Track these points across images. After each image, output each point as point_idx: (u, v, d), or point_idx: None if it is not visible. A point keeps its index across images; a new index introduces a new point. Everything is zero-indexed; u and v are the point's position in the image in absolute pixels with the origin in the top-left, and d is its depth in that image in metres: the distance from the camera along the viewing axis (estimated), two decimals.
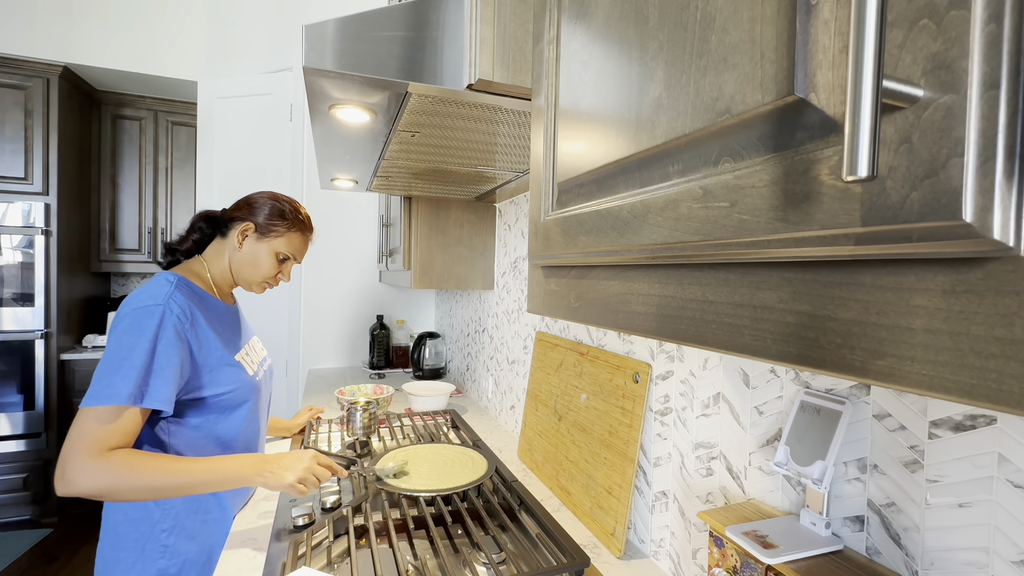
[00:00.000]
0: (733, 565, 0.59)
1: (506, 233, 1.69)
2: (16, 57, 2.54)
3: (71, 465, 0.77)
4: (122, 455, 0.80)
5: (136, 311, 0.85)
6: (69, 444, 0.78)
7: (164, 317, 0.86)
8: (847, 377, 0.23)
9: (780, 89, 0.25)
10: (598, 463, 1.00)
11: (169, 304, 0.87)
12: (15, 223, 2.55)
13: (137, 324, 0.84)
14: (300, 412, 1.50)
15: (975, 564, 0.45)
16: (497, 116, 0.83)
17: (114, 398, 0.80)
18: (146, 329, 0.84)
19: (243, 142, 2.48)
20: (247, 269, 1.03)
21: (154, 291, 0.88)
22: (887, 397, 0.52)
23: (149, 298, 0.87)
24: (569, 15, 0.48)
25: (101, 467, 0.78)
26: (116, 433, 0.80)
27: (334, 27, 0.65)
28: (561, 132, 0.49)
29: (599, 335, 1.11)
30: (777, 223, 0.25)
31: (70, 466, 0.77)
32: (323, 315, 2.49)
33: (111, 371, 0.81)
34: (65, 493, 0.78)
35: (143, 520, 0.89)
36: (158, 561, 0.89)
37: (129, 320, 0.84)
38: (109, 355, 0.82)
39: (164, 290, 0.89)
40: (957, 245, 0.18)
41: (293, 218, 1.05)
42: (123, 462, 0.80)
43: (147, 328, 0.84)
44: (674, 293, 0.34)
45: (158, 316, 0.85)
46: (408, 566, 0.79)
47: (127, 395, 0.80)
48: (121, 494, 0.80)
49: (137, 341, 0.83)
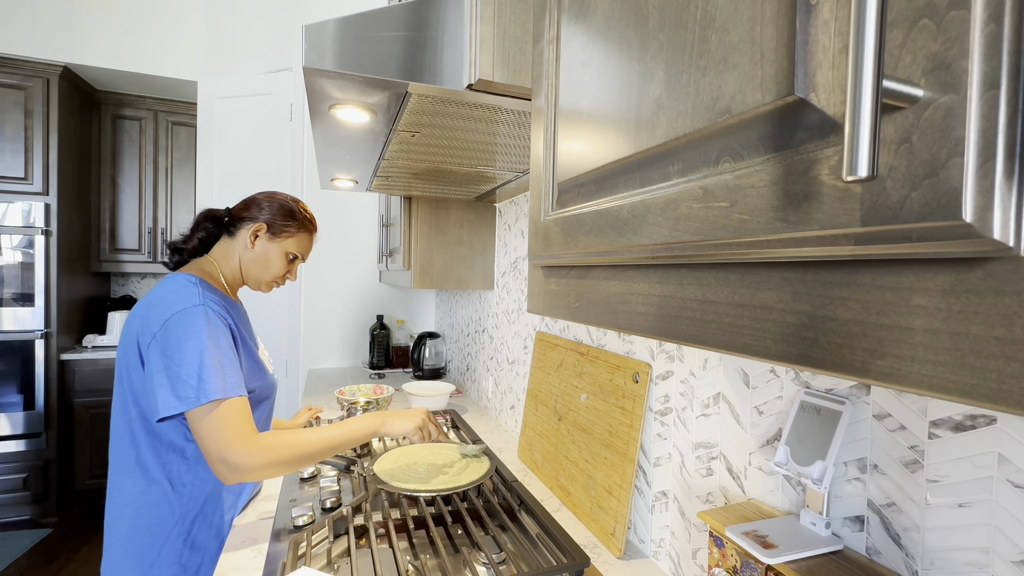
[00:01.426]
0: (733, 565, 0.59)
1: (506, 233, 1.69)
2: (16, 57, 2.54)
3: (232, 452, 0.79)
4: (268, 436, 0.84)
5: (178, 315, 0.85)
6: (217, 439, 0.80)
7: (209, 315, 0.86)
8: (847, 377, 0.23)
9: (780, 89, 0.25)
10: (598, 463, 1.00)
11: (207, 302, 0.88)
12: (15, 223, 2.55)
13: (189, 327, 0.84)
14: (300, 412, 1.49)
15: (975, 564, 0.45)
16: (497, 116, 0.83)
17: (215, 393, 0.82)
18: (199, 329, 0.84)
19: (243, 142, 2.48)
20: (258, 269, 1.03)
21: (184, 293, 0.88)
22: (887, 397, 0.52)
23: (185, 300, 0.86)
24: (569, 15, 0.48)
25: (261, 446, 0.81)
26: (247, 419, 0.84)
27: (334, 27, 0.65)
28: (561, 132, 0.49)
29: (599, 335, 1.11)
30: (777, 223, 0.25)
31: (232, 453, 0.79)
32: (323, 315, 2.49)
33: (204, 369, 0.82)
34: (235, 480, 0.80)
35: (158, 525, 0.89)
36: (175, 564, 0.89)
37: (176, 324, 0.84)
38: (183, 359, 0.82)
39: (194, 291, 0.89)
40: (957, 245, 0.18)
41: (302, 218, 1.06)
42: (273, 441, 0.83)
43: (199, 328, 0.84)
44: (674, 293, 0.34)
45: (203, 315, 0.86)
46: (408, 566, 0.79)
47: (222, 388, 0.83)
48: (282, 468, 0.83)
49: (196, 341, 0.83)
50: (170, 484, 0.90)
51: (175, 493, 0.90)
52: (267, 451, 0.81)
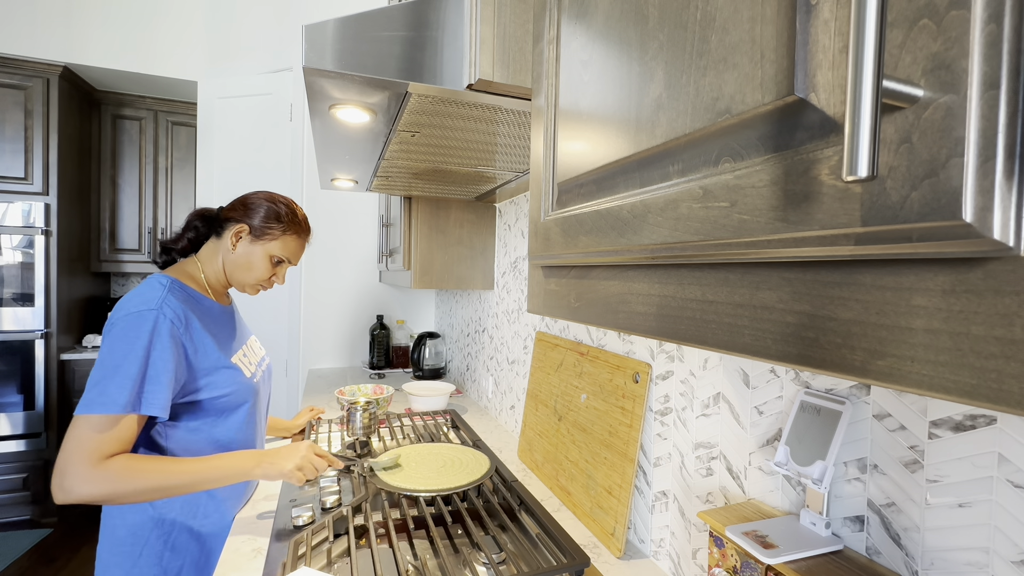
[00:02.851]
0: (733, 565, 0.59)
1: (506, 233, 1.69)
2: (16, 57, 2.54)
3: (70, 473, 0.77)
4: (121, 461, 0.80)
5: (129, 316, 0.84)
6: (66, 453, 0.78)
7: (158, 322, 0.85)
8: (847, 377, 0.23)
9: (780, 89, 0.25)
10: (598, 463, 1.00)
11: (163, 308, 0.86)
12: (15, 223, 2.55)
13: (131, 330, 0.83)
14: (300, 412, 1.50)
15: (975, 564, 0.45)
16: (497, 116, 0.83)
17: (110, 406, 0.79)
18: (140, 335, 0.83)
19: (243, 142, 2.48)
20: (240, 271, 1.02)
21: (147, 295, 0.87)
22: (887, 397, 0.52)
23: (142, 303, 0.86)
24: (569, 15, 0.48)
25: (100, 474, 0.78)
26: (113, 440, 0.80)
27: (334, 27, 0.65)
28: (561, 132, 0.49)
29: (599, 335, 1.11)
30: (777, 223, 0.25)
31: (69, 474, 0.77)
32: (323, 315, 2.49)
33: (105, 378, 0.80)
34: (64, 501, 0.78)
35: (140, 525, 0.89)
36: (155, 566, 0.89)
37: (122, 326, 0.83)
38: (103, 362, 0.81)
39: (157, 294, 0.88)
40: (957, 245, 0.18)
41: (289, 220, 1.04)
42: (122, 468, 0.79)
43: (141, 334, 0.83)
44: (674, 293, 0.34)
45: (151, 321, 0.84)
46: (408, 566, 0.79)
47: (123, 403, 0.80)
48: (121, 498, 0.80)
49: (131, 348, 0.82)
50: None
51: None
52: (105, 482, 0.78)
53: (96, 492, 0.78)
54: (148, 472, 0.81)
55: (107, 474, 0.78)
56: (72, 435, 0.78)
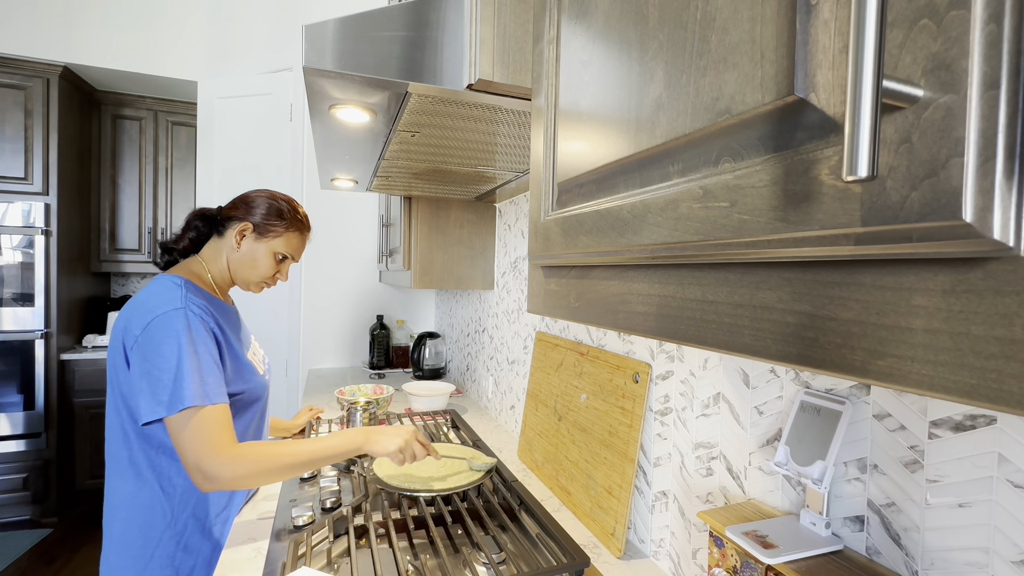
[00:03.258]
0: (733, 565, 0.59)
1: (506, 233, 1.69)
2: (16, 57, 2.54)
3: (208, 463, 0.79)
4: (251, 445, 0.84)
5: (159, 319, 0.84)
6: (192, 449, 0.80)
7: (190, 319, 0.86)
8: (847, 377, 0.23)
9: (780, 89, 0.25)
10: (598, 463, 1.00)
11: (189, 305, 0.88)
12: (15, 223, 2.55)
13: (168, 331, 0.84)
14: (300, 412, 1.50)
15: (975, 564, 0.45)
16: (497, 116, 0.83)
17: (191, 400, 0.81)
18: (178, 333, 0.84)
19: (243, 142, 2.48)
20: (245, 269, 1.03)
21: (167, 296, 0.88)
22: (887, 397, 0.52)
23: (167, 303, 0.86)
24: (569, 15, 0.48)
25: (237, 457, 0.81)
26: (223, 427, 0.83)
27: (334, 27, 0.65)
28: (561, 132, 0.49)
29: (599, 335, 1.11)
30: (777, 223, 0.25)
31: (208, 464, 0.79)
32: (323, 315, 2.49)
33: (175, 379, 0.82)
34: (211, 488, 0.81)
35: (151, 527, 0.89)
36: (167, 567, 0.89)
37: (157, 328, 0.84)
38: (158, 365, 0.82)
39: (177, 293, 0.88)
40: (957, 245, 0.18)
41: (291, 218, 1.04)
42: (255, 451, 0.83)
43: (178, 332, 0.84)
44: (674, 293, 0.34)
45: (183, 319, 0.85)
46: (408, 566, 0.79)
47: (200, 395, 0.82)
48: (258, 479, 0.83)
49: (175, 346, 0.83)
50: (160, 486, 0.89)
51: (165, 495, 0.89)
52: (244, 462, 0.81)
53: (241, 472, 0.81)
54: (277, 454, 0.84)
55: (243, 456, 0.82)
56: (189, 434, 0.81)
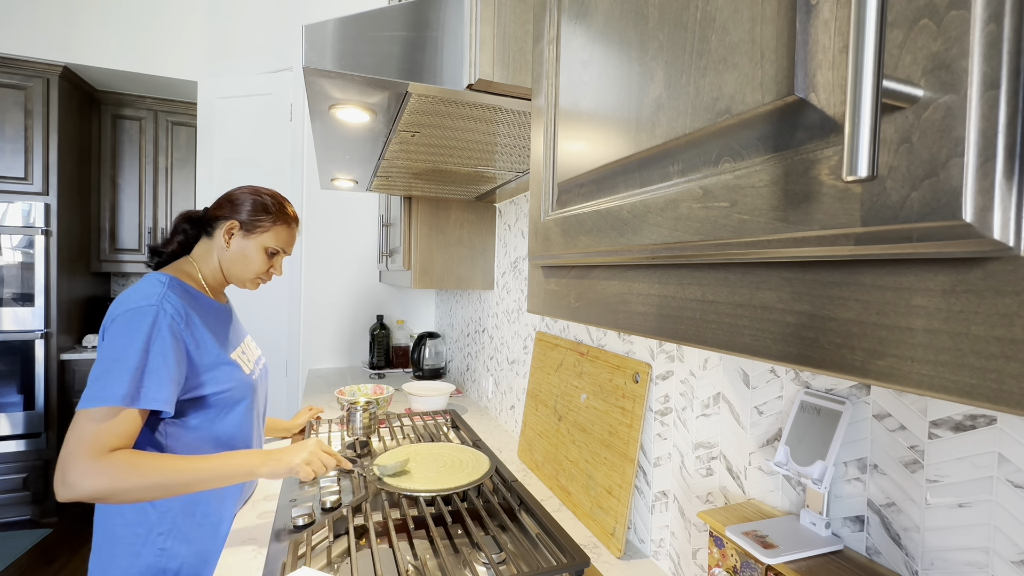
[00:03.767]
0: (733, 565, 0.59)
1: (506, 233, 1.69)
2: (16, 57, 2.54)
3: (71, 468, 0.76)
4: (123, 455, 0.79)
5: (129, 312, 0.84)
6: (67, 448, 0.77)
7: (158, 317, 0.85)
8: (847, 377, 0.23)
9: (780, 89, 0.25)
10: (598, 463, 1.00)
11: (163, 304, 0.86)
12: (15, 223, 2.55)
13: (131, 325, 0.83)
14: (300, 412, 1.50)
15: (975, 564, 0.45)
16: (497, 116, 0.83)
17: (109, 399, 0.78)
18: (140, 330, 0.83)
19: (243, 142, 2.48)
20: (238, 267, 1.03)
21: (146, 291, 0.87)
22: (887, 397, 0.52)
23: (142, 299, 0.86)
24: (569, 15, 0.48)
25: (103, 468, 0.77)
26: (114, 434, 0.79)
27: (334, 27, 0.65)
28: (561, 132, 0.49)
29: (599, 335, 1.11)
30: (777, 223, 0.25)
31: (71, 469, 0.76)
32: (323, 315, 2.49)
33: (104, 373, 0.80)
34: (67, 498, 0.76)
35: (139, 523, 0.89)
36: (154, 566, 0.89)
37: (122, 321, 0.83)
38: (103, 357, 0.81)
39: (157, 290, 0.88)
40: (957, 245, 0.18)
41: (277, 211, 1.04)
42: (125, 462, 0.78)
43: (141, 329, 0.83)
44: (674, 293, 0.34)
45: (151, 316, 0.84)
46: (408, 566, 0.79)
47: (121, 396, 0.79)
48: (125, 495, 0.79)
49: (131, 342, 0.82)
50: None
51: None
52: (106, 476, 0.76)
53: (98, 487, 0.76)
54: (151, 468, 0.80)
55: (109, 468, 0.77)
56: (73, 431, 0.78)
